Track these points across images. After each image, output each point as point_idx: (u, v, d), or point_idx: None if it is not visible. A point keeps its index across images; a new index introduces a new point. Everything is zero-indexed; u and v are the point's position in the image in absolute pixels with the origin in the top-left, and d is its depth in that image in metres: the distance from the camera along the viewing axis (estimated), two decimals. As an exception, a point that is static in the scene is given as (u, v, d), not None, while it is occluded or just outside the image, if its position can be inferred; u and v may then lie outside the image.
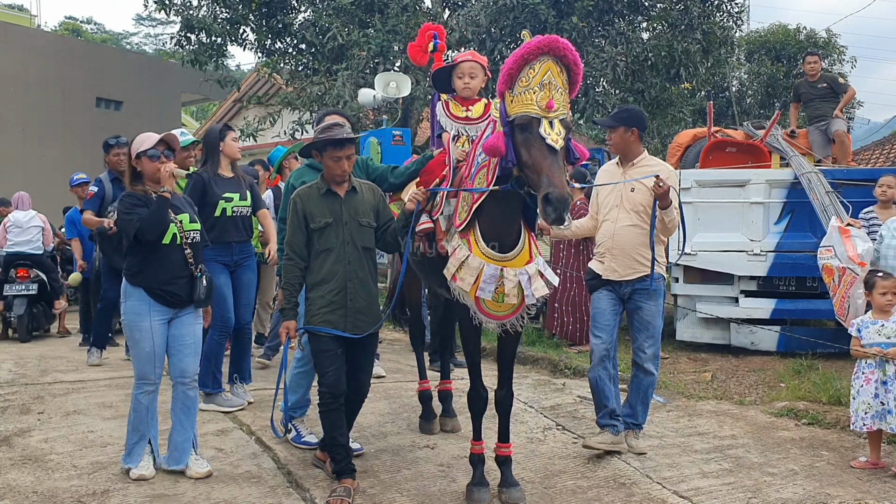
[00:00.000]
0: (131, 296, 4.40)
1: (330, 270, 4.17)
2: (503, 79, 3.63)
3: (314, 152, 4.28)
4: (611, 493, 4.45)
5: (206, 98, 22.81)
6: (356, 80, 12.65)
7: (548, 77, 3.55)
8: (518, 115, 3.63)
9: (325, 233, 4.18)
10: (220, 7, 14.12)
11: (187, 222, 4.50)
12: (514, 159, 3.70)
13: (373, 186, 4.49)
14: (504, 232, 4.10)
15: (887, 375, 5.01)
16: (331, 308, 4.17)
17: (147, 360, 4.42)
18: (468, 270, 4.04)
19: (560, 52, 3.55)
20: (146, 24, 48.54)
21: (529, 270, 4.08)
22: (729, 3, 14.91)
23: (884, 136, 24.61)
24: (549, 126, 3.59)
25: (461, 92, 4.83)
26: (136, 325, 4.39)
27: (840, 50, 27.58)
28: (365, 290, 4.25)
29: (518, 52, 3.56)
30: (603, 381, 5.09)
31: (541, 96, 3.56)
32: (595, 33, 13.11)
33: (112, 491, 4.38)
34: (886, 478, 4.86)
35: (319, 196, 4.23)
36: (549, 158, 3.56)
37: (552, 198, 3.46)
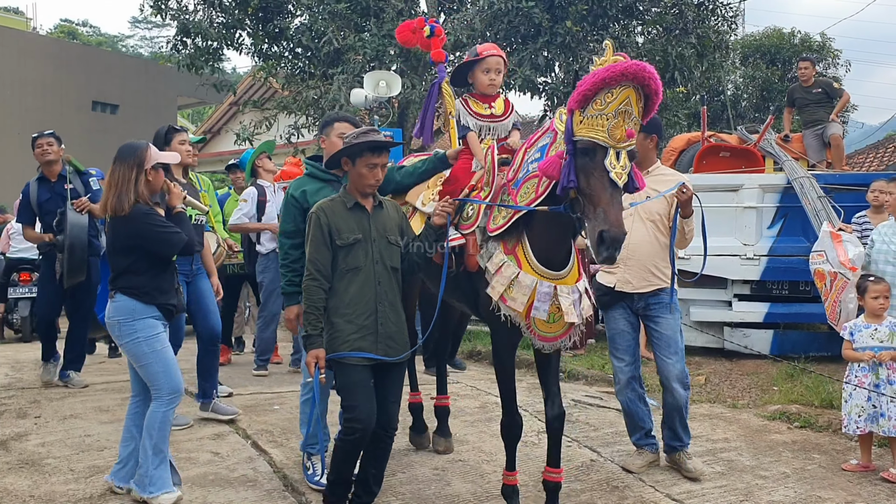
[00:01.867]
0: (145, 313, 4.20)
1: (359, 292, 3.76)
2: (577, 98, 3.33)
3: (344, 159, 3.87)
4: (604, 496, 4.50)
5: (202, 101, 22.87)
6: (352, 84, 12.66)
7: (624, 105, 3.27)
8: (583, 139, 3.36)
9: (353, 250, 3.77)
10: (215, 11, 14.13)
11: None
12: (575, 182, 3.41)
13: (395, 204, 4.14)
14: (557, 247, 3.86)
15: (880, 379, 5.08)
16: (361, 334, 3.74)
17: (174, 369, 4.25)
18: (520, 289, 3.76)
19: (644, 81, 3.26)
20: (142, 27, 48.53)
21: (580, 288, 3.91)
22: (723, 8, 14.96)
23: (878, 140, 24.71)
24: (616, 158, 3.35)
25: (486, 89, 4.44)
26: (155, 337, 4.21)
27: (834, 54, 27.70)
28: (395, 314, 3.86)
29: (600, 74, 3.24)
30: (634, 403, 5.00)
31: (613, 124, 3.29)
32: (589, 37, 13.14)
33: (109, 495, 4.40)
34: (876, 480, 4.91)
35: (346, 210, 3.83)
36: (608, 192, 3.34)
37: (607, 237, 3.26)
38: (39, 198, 6.62)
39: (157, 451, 4.16)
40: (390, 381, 3.87)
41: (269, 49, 14.60)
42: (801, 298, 7.93)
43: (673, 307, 4.90)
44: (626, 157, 3.39)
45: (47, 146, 6.59)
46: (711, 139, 9.59)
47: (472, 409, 6.38)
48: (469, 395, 6.81)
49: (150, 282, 4.22)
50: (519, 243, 3.85)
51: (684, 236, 4.79)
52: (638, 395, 5.01)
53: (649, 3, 13.92)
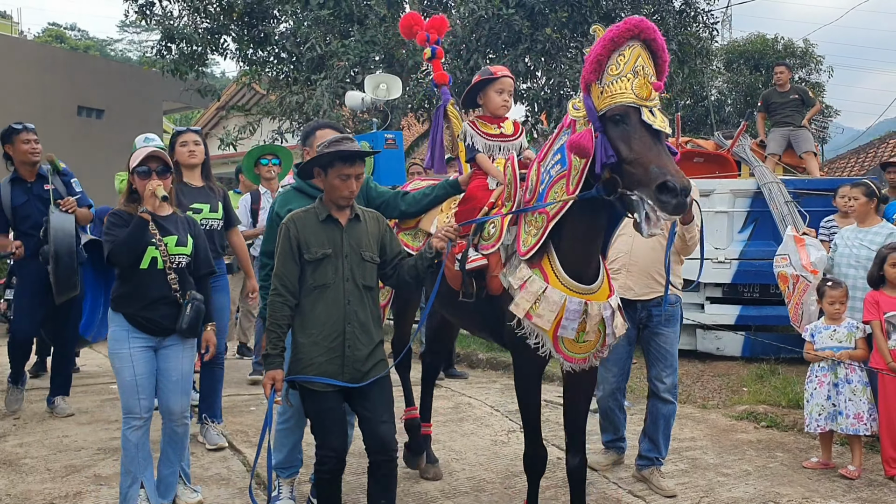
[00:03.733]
0: (112, 321, 4.02)
1: (326, 311, 3.52)
2: (590, 68, 3.19)
3: (316, 170, 3.66)
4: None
5: (187, 107, 22.91)
6: (335, 89, 12.79)
7: (640, 63, 3.14)
8: (611, 107, 3.18)
9: (321, 266, 3.54)
10: (200, 17, 14.22)
11: (173, 245, 4.03)
12: (614, 155, 3.19)
13: (377, 215, 3.86)
14: (586, 259, 3.61)
15: (839, 378, 5.22)
16: (327, 356, 3.50)
17: (129, 390, 3.94)
18: (547, 305, 3.50)
19: (649, 36, 3.15)
20: (130, 31, 48.45)
21: (612, 304, 3.66)
22: (704, 15, 15.16)
23: (859, 145, 24.99)
24: (651, 114, 3.17)
25: (498, 110, 4.23)
26: (117, 352, 3.97)
27: (817, 60, 28.00)
28: (365, 335, 3.58)
29: (606, 36, 3.15)
30: (613, 412, 5.04)
31: (636, 83, 3.14)
32: (569, 44, 13.30)
33: (85, 493, 4.51)
34: (835, 477, 5.06)
35: (317, 222, 3.60)
36: (656, 146, 3.14)
37: (672, 185, 2.98)
38: (14, 201, 5.86)
39: (126, 471, 4.02)
40: (372, 402, 3.58)
41: (254, 54, 14.70)
42: (771, 301, 8.08)
43: (671, 318, 4.79)
44: (661, 114, 3.21)
45: (35, 144, 5.90)
46: (688, 145, 9.75)
47: (446, 409, 6.50)
48: (443, 396, 6.92)
49: (119, 287, 4.04)
50: (546, 256, 3.60)
51: (685, 243, 4.57)
52: (619, 405, 5.02)
53: (630, 10, 14.09)
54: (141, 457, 4.01)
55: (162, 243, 3.96)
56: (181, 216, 4.22)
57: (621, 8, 13.72)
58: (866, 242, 5.73)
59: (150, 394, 4.00)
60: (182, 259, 4.06)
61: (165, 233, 4.01)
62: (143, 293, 3.95)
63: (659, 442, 4.84)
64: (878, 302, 5.22)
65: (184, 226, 4.16)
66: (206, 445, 5.30)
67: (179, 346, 4.08)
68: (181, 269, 4.06)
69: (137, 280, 3.96)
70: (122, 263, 3.94)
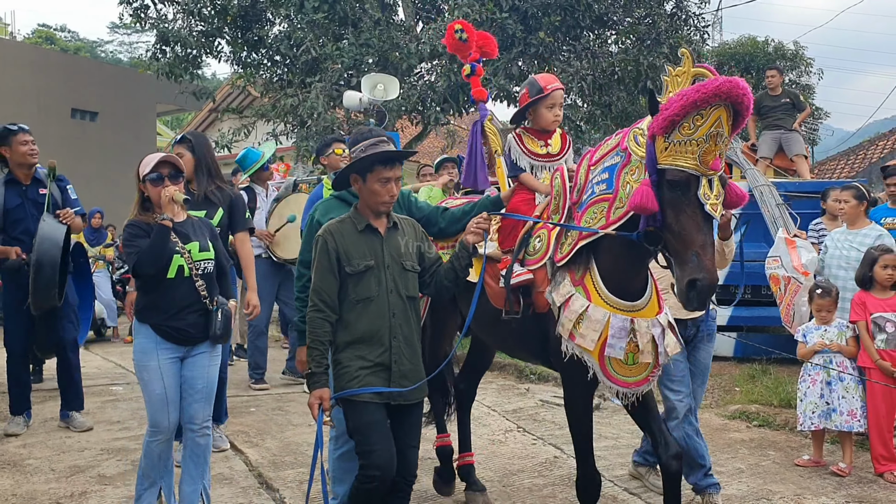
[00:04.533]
0: (139, 333, 3.91)
1: (371, 325, 3.33)
2: (662, 124, 2.94)
3: (353, 176, 3.45)
4: (564, 490, 4.71)
5: (181, 109, 22.92)
6: (329, 92, 12.87)
7: (716, 127, 2.90)
8: (672, 168, 2.98)
9: (364, 278, 3.34)
10: (195, 20, 14.27)
11: (197, 251, 3.93)
12: (661, 219, 3.04)
13: (413, 222, 3.66)
14: (632, 274, 3.41)
15: (831, 376, 5.33)
16: (372, 371, 3.32)
17: (159, 404, 3.85)
18: (589, 324, 3.32)
19: (738, 100, 2.88)
20: (120, 33, 48.40)
21: (662, 321, 3.45)
22: (696, 18, 15.30)
23: (849, 147, 25.19)
24: (709, 187, 2.97)
25: (549, 125, 4.02)
26: (144, 364, 3.85)
27: (807, 62, 28.22)
28: (410, 350, 3.42)
29: (690, 96, 2.86)
30: (692, 439, 4.48)
31: (705, 150, 2.92)
32: (562, 48, 13.42)
33: (89, 493, 4.58)
34: (826, 474, 5.16)
35: (356, 233, 3.40)
36: (703, 231, 2.96)
37: (701, 287, 2.90)
38: (7, 203, 5.57)
39: (145, 475, 3.97)
40: (408, 425, 3.45)
41: (248, 57, 14.76)
42: (763, 302, 8.18)
43: (711, 335, 4.63)
44: (719, 185, 3.02)
45: (33, 145, 5.63)
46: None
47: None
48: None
49: (144, 297, 3.92)
50: (587, 272, 3.43)
51: (724, 257, 4.22)
52: (694, 430, 4.52)
53: (622, 14, 14.22)
54: (162, 465, 3.97)
55: (185, 250, 3.86)
56: (196, 220, 4.13)
57: (613, 12, 13.87)
58: (856, 244, 5.84)
59: (178, 405, 3.91)
60: (208, 264, 3.97)
61: (186, 240, 3.90)
62: (171, 302, 3.84)
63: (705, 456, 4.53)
64: (865, 303, 5.34)
65: (201, 230, 4.07)
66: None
67: (207, 355, 3.99)
68: (208, 274, 3.96)
69: (163, 289, 3.84)
70: (149, 273, 3.80)
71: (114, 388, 7.28)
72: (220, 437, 5.32)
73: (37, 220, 5.53)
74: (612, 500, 4.65)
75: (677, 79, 3.01)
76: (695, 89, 2.87)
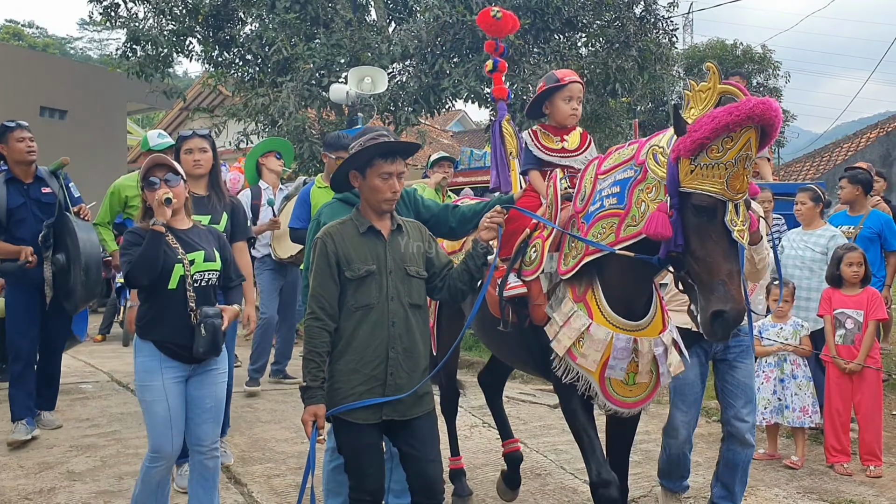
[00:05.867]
0: (141, 351, 3.62)
1: (370, 335, 3.10)
2: (689, 146, 2.77)
3: (352, 173, 3.24)
4: (527, 482, 4.83)
5: (151, 108, 22.86)
6: (301, 92, 12.93)
7: (746, 150, 2.74)
8: (698, 193, 2.80)
9: (364, 284, 3.12)
10: (165, 19, 14.25)
11: (201, 261, 3.68)
12: (683, 245, 2.87)
13: (419, 225, 3.43)
14: (637, 292, 3.26)
15: (785, 374, 5.52)
16: (368, 385, 3.08)
17: (162, 427, 3.56)
18: (592, 344, 3.16)
19: (770, 122, 2.73)
20: (90, 29, 47.98)
21: (665, 340, 3.28)
22: (664, 21, 15.54)
23: (814, 150, 25.65)
24: (735, 213, 2.81)
25: (566, 119, 3.83)
26: (148, 385, 3.58)
27: (775, 65, 28.71)
28: (410, 362, 3.16)
29: (723, 119, 2.69)
30: (684, 456, 4.42)
31: (733, 174, 2.76)
32: (532, 50, 13.57)
33: (58, 488, 4.62)
34: (779, 467, 5.35)
35: (357, 235, 3.18)
36: (729, 258, 2.80)
37: (727, 318, 2.74)
38: (10, 203, 5.36)
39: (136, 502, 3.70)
40: (419, 439, 3.16)
41: (220, 56, 14.75)
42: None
43: (748, 349, 4.36)
44: (744, 208, 2.86)
45: (31, 142, 5.42)
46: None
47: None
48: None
49: (146, 312, 3.66)
50: (590, 288, 3.26)
51: (755, 266, 3.86)
52: (690, 448, 4.46)
53: (592, 17, 14.40)
54: (160, 494, 3.69)
55: (186, 259, 3.62)
56: (203, 228, 3.89)
57: (583, 15, 14.04)
58: (811, 245, 6.03)
59: (182, 429, 3.64)
60: (212, 276, 3.73)
61: (190, 248, 3.67)
62: (173, 317, 3.59)
63: (735, 489, 4.34)
64: (831, 298, 5.55)
65: (208, 238, 3.82)
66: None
67: (213, 372, 3.73)
68: (208, 287, 3.71)
69: (164, 302, 3.60)
70: (142, 283, 3.56)
71: (83, 387, 7.28)
72: (225, 453, 4.96)
73: (40, 219, 5.38)
74: (573, 493, 4.79)
75: (701, 94, 2.85)
76: (727, 111, 2.70)
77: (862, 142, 21.32)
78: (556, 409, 6.83)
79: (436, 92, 13.02)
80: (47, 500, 4.46)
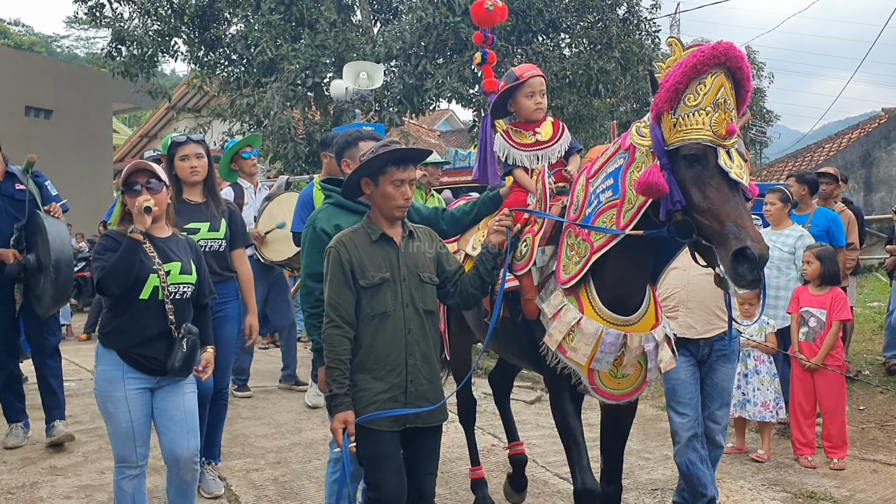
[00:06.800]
0: (103, 359, 3.49)
1: (388, 343, 3.11)
2: (665, 96, 2.78)
3: (364, 181, 3.22)
4: (500, 475, 4.97)
5: (137, 107, 22.88)
6: (286, 92, 13.04)
7: (722, 94, 2.75)
8: (685, 144, 2.78)
9: (379, 292, 3.12)
10: (151, 19, 14.33)
11: (177, 273, 3.54)
12: (682, 200, 2.82)
13: (430, 231, 3.43)
14: (629, 288, 3.23)
15: (748, 369, 5.69)
16: (391, 393, 3.08)
17: (125, 438, 3.45)
18: (582, 338, 3.16)
19: (736, 64, 2.75)
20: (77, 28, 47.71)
21: (657, 336, 3.27)
22: (647, 23, 15.72)
23: (797, 150, 25.90)
24: (728, 157, 2.79)
25: (532, 114, 3.83)
26: (109, 395, 3.45)
27: (759, 66, 28.94)
28: (428, 368, 3.18)
29: (688, 61, 2.74)
30: (695, 466, 4.22)
31: (716, 119, 2.75)
32: (515, 52, 13.72)
33: (41, 483, 4.72)
34: (747, 460, 5.51)
35: (370, 243, 3.17)
36: (733, 199, 2.75)
37: (751, 255, 2.62)
38: None
39: None
40: (424, 451, 3.22)
41: (205, 56, 14.84)
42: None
43: (731, 354, 4.44)
44: (737, 154, 2.83)
45: None
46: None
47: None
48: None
49: (111, 320, 3.52)
50: (582, 283, 3.24)
51: None
52: (699, 457, 4.25)
53: (575, 18, 14.56)
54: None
55: (162, 270, 3.48)
56: (182, 238, 3.75)
57: (566, 17, 14.20)
58: (779, 244, 6.18)
59: (147, 439, 3.55)
60: (187, 289, 3.59)
61: (166, 258, 3.54)
62: (142, 327, 3.46)
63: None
64: (799, 297, 5.72)
65: (186, 250, 3.68)
66: (203, 494, 4.53)
67: (179, 383, 3.59)
68: (183, 300, 3.57)
69: (134, 312, 3.46)
70: (113, 292, 3.42)
71: (67, 384, 7.33)
72: (214, 480, 4.65)
73: (12, 217, 5.21)
74: (544, 485, 4.93)
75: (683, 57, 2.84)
76: (691, 55, 2.75)
77: (843, 142, 21.54)
78: (532, 405, 6.99)
79: (419, 92, 13.15)
80: (30, 495, 4.55)
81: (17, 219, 5.21)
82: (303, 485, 4.79)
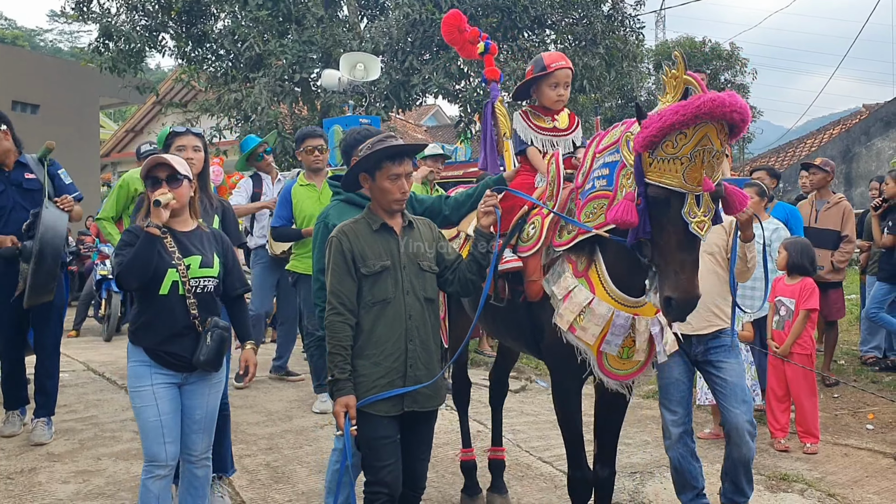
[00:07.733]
0: (133, 356, 3.52)
1: (388, 329, 3.21)
2: (642, 142, 2.86)
3: (362, 176, 3.34)
4: (485, 459, 5.13)
5: (124, 102, 22.91)
6: (273, 87, 13.13)
7: (702, 143, 2.79)
8: (654, 185, 2.89)
9: (380, 279, 3.23)
10: (138, 14, 14.37)
11: (197, 266, 3.53)
12: (649, 232, 2.96)
13: (428, 221, 3.56)
14: (638, 270, 3.23)
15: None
16: (389, 378, 3.19)
17: (154, 433, 3.43)
18: (592, 318, 3.24)
19: (724, 118, 2.74)
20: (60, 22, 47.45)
21: (662, 320, 3.36)
22: (631, 19, 15.88)
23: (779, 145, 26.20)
24: (696, 204, 2.88)
25: (553, 104, 3.96)
26: (138, 390, 3.47)
27: (742, 62, 29.21)
28: (426, 354, 3.29)
29: (668, 118, 2.76)
30: (686, 460, 4.32)
31: (690, 168, 2.82)
32: (500, 48, 13.85)
33: (39, 468, 4.86)
34: (722, 445, 5.66)
35: (371, 232, 3.28)
36: (685, 250, 2.90)
37: (675, 304, 2.88)
38: None
39: None
40: (418, 437, 3.36)
41: (193, 51, 14.89)
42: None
43: (735, 349, 4.34)
44: (709, 200, 2.91)
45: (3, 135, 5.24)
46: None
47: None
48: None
49: (138, 316, 3.54)
50: (592, 265, 3.33)
51: (746, 265, 4.01)
52: (690, 451, 4.35)
53: (560, 15, 14.71)
54: None
55: (182, 264, 3.48)
56: (207, 231, 3.72)
57: (551, 13, 14.35)
58: (756, 237, 6.37)
59: (177, 437, 3.52)
60: (209, 283, 3.57)
61: (187, 252, 3.52)
62: (165, 323, 3.47)
63: (742, 484, 4.29)
64: (775, 287, 5.92)
65: (210, 242, 3.66)
66: None
67: (206, 382, 3.61)
68: (206, 293, 3.56)
69: (157, 308, 3.47)
70: (132, 285, 3.45)
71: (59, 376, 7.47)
72: (221, 499, 4.36)
73: (23, 207, 5.21)
74: (527, 468, 5.11)
75: (672, 81, 2.92)
76: (673, 111, 2.76)
77: (825, 138, 21.85)
78: (518, 393, 7.15)
79: (406, 88, 13.27)
80: (28, 479, 4.68)
81: (24, 207, 5.21)
82: (294, 469, 4.94)
